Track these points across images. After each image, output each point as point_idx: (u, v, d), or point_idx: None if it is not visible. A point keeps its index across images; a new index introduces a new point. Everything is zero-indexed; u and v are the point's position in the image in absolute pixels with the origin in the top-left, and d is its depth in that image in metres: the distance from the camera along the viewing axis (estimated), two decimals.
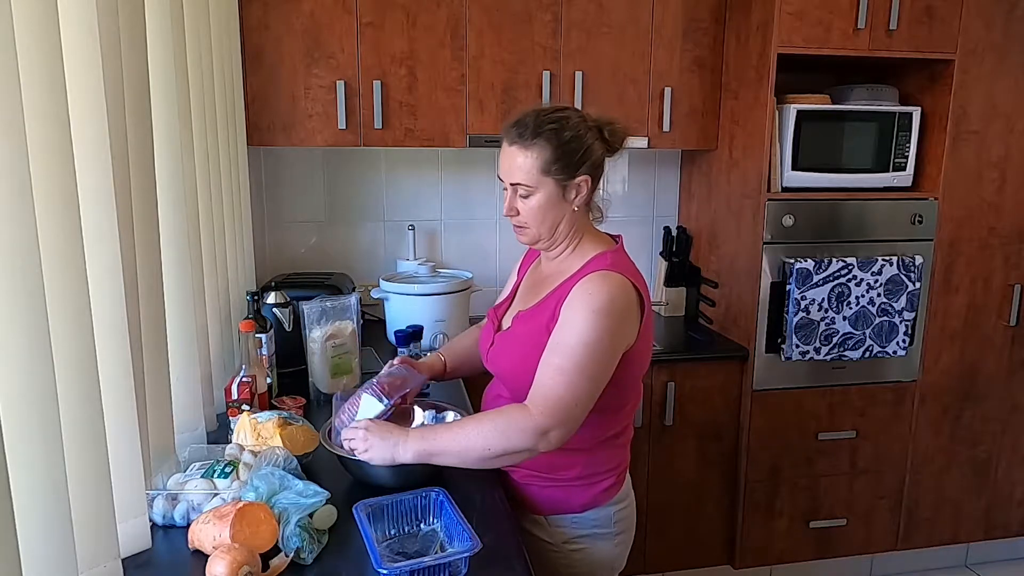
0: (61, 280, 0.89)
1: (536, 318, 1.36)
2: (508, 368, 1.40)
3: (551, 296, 1.35)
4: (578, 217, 1.37)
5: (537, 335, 1.32)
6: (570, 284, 1.31)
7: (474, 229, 2.79)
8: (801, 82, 2.47)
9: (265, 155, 2.59)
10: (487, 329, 1.53)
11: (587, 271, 1.31)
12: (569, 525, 1.38)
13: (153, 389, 1.22)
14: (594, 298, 1.25)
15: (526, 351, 1.32)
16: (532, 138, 1.29)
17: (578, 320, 1.25)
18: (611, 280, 1.28)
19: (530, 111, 1.33)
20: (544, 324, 1.32)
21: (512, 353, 1.39)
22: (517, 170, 1.31)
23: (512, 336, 1.41)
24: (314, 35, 2.25)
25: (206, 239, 1.63)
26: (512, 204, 1.35)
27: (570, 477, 1.37)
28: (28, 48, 0.81)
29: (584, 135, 1.31)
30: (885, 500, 2.62)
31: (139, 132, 1.17)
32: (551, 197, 1.32)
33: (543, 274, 1.45)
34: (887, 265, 2.37)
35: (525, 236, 1.39)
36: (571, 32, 2.39)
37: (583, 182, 1.32)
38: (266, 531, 1.12)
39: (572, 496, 1.38)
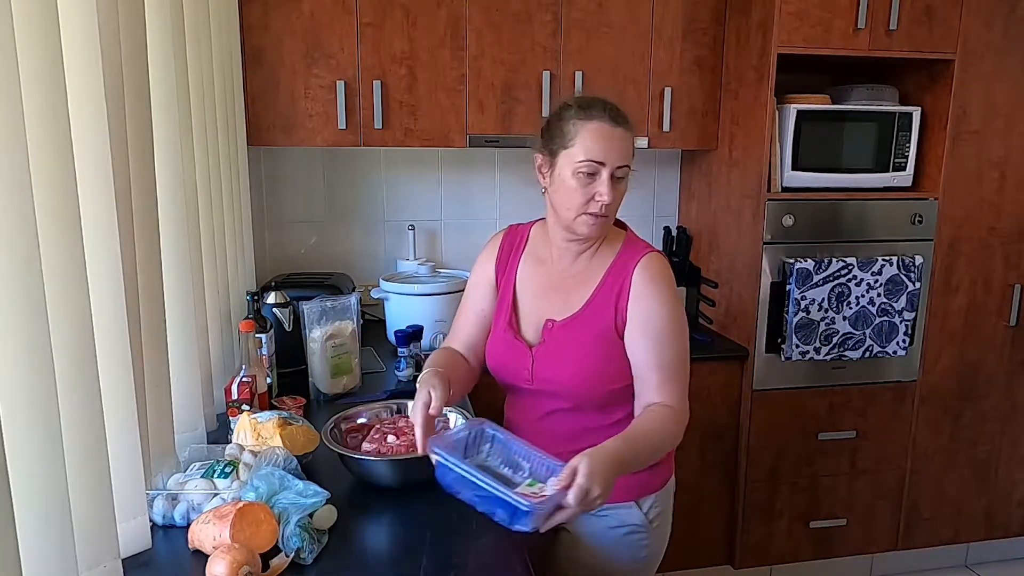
0: (61, 280, 0.89)
1: (586, 322, 1.32)
2: (565, 380, 1.33)
3: (599, 295, 1.33)
4: None
5: (599, 340, 1.31)
6: (618, 276, 1.32)
7: (474, 229, 2.79)
8: (801, 82, 2.47)
9: (265, 155, 2.59)
10: (509, 347, 1.39)
11: (632, 256, 1.33)
12: (653, 503, 1.40)
13: (153, 389, 1.22)
14: (665, 281, 1.31)
15: (591, 360, 1.31)
16: (628, 121, 1.29)
17: (664, 309, 1.29)
18: (664, 261, 1.35)
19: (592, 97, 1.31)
20: (603, 325, 1.31)
21: (567, 365, 1.32)
22: (627, 152, 1.28)
23: (558, 346, 1.34)
24: (314, 35, 2.25)
25: (206, 239, 1.63)
26: (610, 190, 1.27)
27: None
28: (28, 48, 0.81)
29: None
30: (885, 500, 2.62)
31: (139, 132, 1.17)
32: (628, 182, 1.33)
33: (568, 272, 1.38)
34: (887, 265, 2.37)
35: (600, 227, 1.32)
36: (571, 32, 2.39)
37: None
38: (266, 531, 1.12)
39: (652, 476, 1.39)
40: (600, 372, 1.31)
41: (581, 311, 1.34)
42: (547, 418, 1.38)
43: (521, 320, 1.41)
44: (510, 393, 1.48)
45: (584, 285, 1.35)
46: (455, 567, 1.11)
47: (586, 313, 1.33)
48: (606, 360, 1.31)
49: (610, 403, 1.34)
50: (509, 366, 1.40)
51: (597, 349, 1.31)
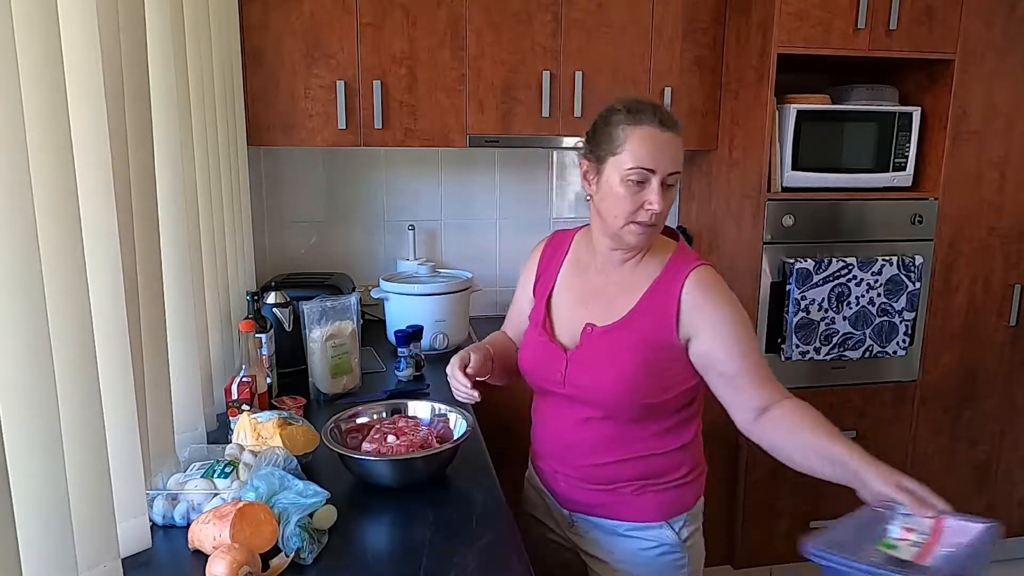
0: (61, 280, 0.89)
1: (629, 331, 1.28)
2: (600, 387, 1.28)
3: (644, 307, 1.28)
4: None
5: (640, 351, 1.27)
6: (666, 291, 1.27)
7: (474, 229, 2.79)
8: (801, 82, 2.47)
9: (265, 155, 2.59)
10: (544, 349, 1.37)
11: (679, 271, 1.28)
12: (684, 522, 1.38)
13: (153, 389, 1.22)
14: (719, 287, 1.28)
15: (629, 370, 1.27)
16: (679, 125, 1.24)
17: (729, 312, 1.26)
18: (711, 271, 1.30)
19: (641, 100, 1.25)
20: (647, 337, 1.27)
21: (604, 372, 1.28)
22: (677, 158, 1.24)
23: (596, 353, 1.30)
24: (314, 35, 2.25)
25: (206, 239, 1.63)
26: (660, 198, 1.22)
27: (681, 475, 1.36)
28: (28, 48, 0.81)
29: None
30: None
31: (139, 132, 1.17)
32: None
33: (607, 282, 1.34)
34: (887, 265, 2.37)
35: (648, 237, 1.28)
36: (571, 32, 2.39)
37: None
38: (266, 531, 1.12)
39: (685, 494, 1.37)
40: (638, 383, 1.27)
41: (624, 319, 1.29)
42: (578, 426, 1.34)
43: (556, 324, 1.38)
44: (539, 398, 1.44)
45: (628, 293, 1.31)
46: (455, 567, 1.11)
47: (629, 321, 1.29)
48: (645, 371, 1.27)
49: (646, 416, 1.30)
50: (541, 368, 1.37)
51: (637, 359, 1.27)
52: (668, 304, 1.26)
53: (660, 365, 1.28)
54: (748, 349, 1.26)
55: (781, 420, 1.23)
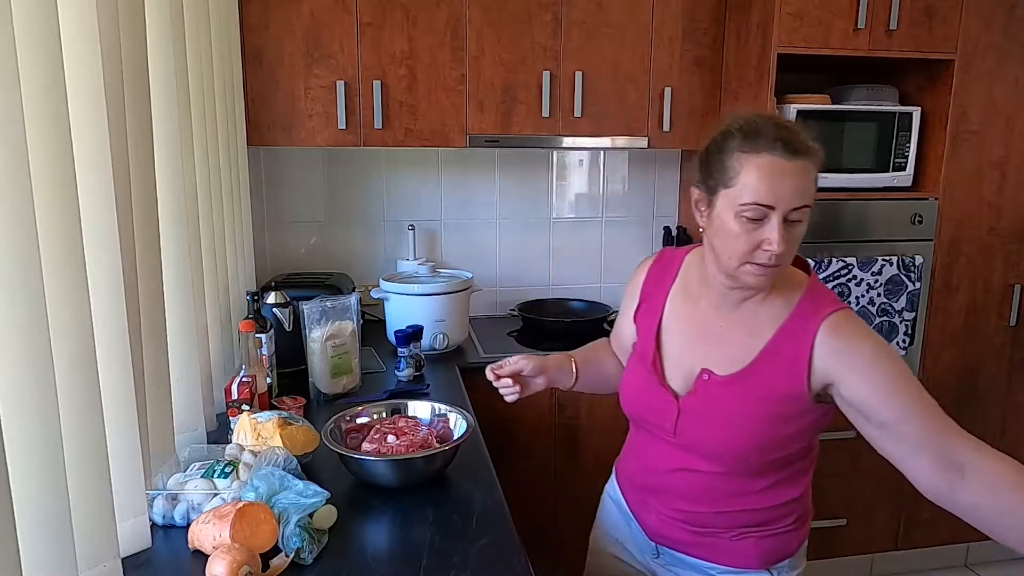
0: (61, 280, 0.89)
1: (755, 382, 1.14)
2: (724, 444, 1.16)
3: (773, 352, 1.14)
4: None
5: (766, 403, 1.13)
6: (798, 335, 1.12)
7: (474, 229, 2.79)
8: (801, 82, 2.47)
9: (265, 155, 2.59)
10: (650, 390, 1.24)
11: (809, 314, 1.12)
12: (787, 567, 1.26)
13: (153, 389, 1.22)
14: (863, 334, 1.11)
15: (750, 423, 1.14)
16: (809, 150, 1.06)
17: (881, 358, 1.09)
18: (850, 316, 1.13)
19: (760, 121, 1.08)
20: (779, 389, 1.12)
21: (726, 428, 1.16)
22: (805, 191, 1.05)
23: (715, 404, 1.17)
24: (314, 35, 2.25)
25: (206, 239, 1.63)
26: (782, 235, 1.04)
27: (788, 524, 1.24)
28: (28, 48, 0.81)
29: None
30: (885, 500, 2.62)
31: (139, 132, 1.17)
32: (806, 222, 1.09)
33: (722, 320, 1.20)
34: (887, 265, 2.37)
35: (768, 278, 1.11)
36: (571, 32, 2.39)
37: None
38: (266, 531, 1.12)
39: (789, 540, 1.25)
40: (758, 441, 1.14)
41: (747, 369, 1.15)
42: (681, 472, 1.22)
43: (666, 364, 1.24)
44: (637, 431, 1.34)
45: (751, 337, 1.16)
46: (455, 567, 1.11)
47: (753, 371, 1.14)
48: (769, 428, 1.14)
49: (763, 471, 1.18)
50: (649, 413, 1.25)
51: (761, 415, 1.13)
52: (798, 354, 1.11)
53: (785, 419, 1.14)
54: (908, 391, 1.07)
55: (984, 481, 1.03)
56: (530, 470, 2.33)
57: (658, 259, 1.35)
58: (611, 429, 2.33)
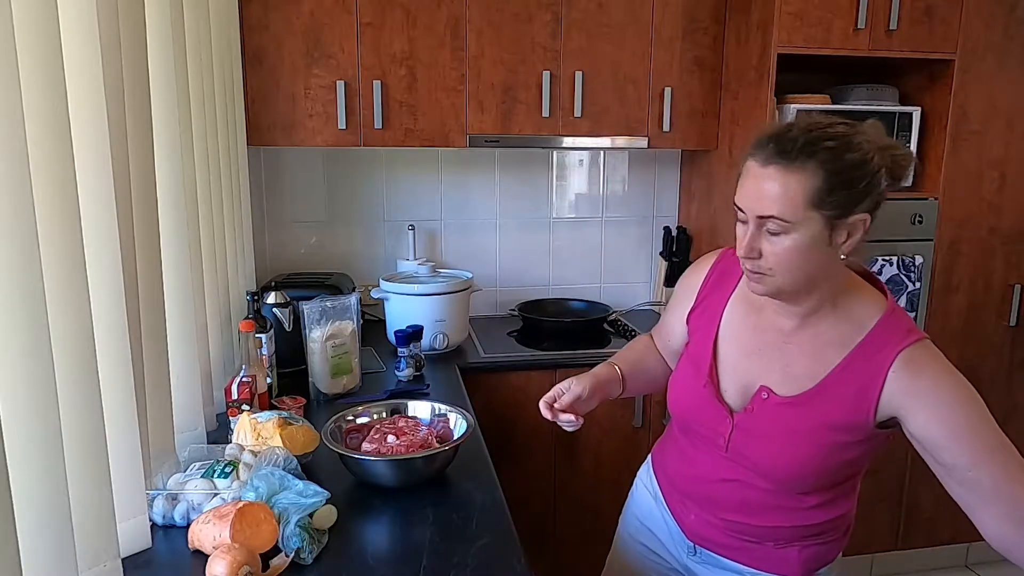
0: (61, 280, 0.89)
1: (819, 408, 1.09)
2: (778, 466, 1.12)
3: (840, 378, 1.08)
4: (840, 265, 1.07)
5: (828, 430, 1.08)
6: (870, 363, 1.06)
7: (474, 229, 2.79)
8: (801, 82, 2.47)
9: (265, 155, 2.59)
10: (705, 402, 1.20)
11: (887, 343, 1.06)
12: (824, 573, 1.24)
13: (153, 389, 1.22)
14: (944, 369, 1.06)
15: (809, 449, 1.09)
16: (803, 158, 0.98)
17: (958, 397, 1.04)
18: (930, 348, 1.07)
19: (796, 124, 1.04)
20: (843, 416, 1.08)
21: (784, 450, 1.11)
22: (774, 199, 0.99)
23: (773, 425, 1.12)
24: (314, 35, 2.25)
25: (206, 239, 1.63)
26: (754, 244, 1.03)
27: (835, 535, 1.22)
28: (28, 48, 0.81)
29: (872, 159, 1.01)
30: (885, 500, 2.62)
31: (139, 132, 1.17)
32: (814, 238, 1.00)
33: (787, 337, 1.14)
34: (887, 265, 2.37)
35: (764, 285, 1.07)
36: (571, 32, 2.39)
37: (861, 221, 1.01)
38: (266, 531, 1.12)
39: (830, 550, 1.23)
40: (821, 464, 1.10)
41: (811, 392, 1.09)
42: (729, 484, 1.19)
43: (722, 375, 1.19)
44: (685, 437, 1.28)
45: (815, 360, 1.10)
46: (455, 567, 1.11)
47: (817, 395, 1.09)
48: (828, 454, 1.09)
49: (818, 490, 1.15)
50: (700, 425, 1.21)
51: (821, 442, 1.09)
52: (868, 384, 1.05)
53: (845, 447, 1.09)
54: (982, 436, 1.02)
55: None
56: (530, 470, 2.33)
57: (720, 259, 1.28)
58: (611, 429, 2.33)
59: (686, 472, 1.27)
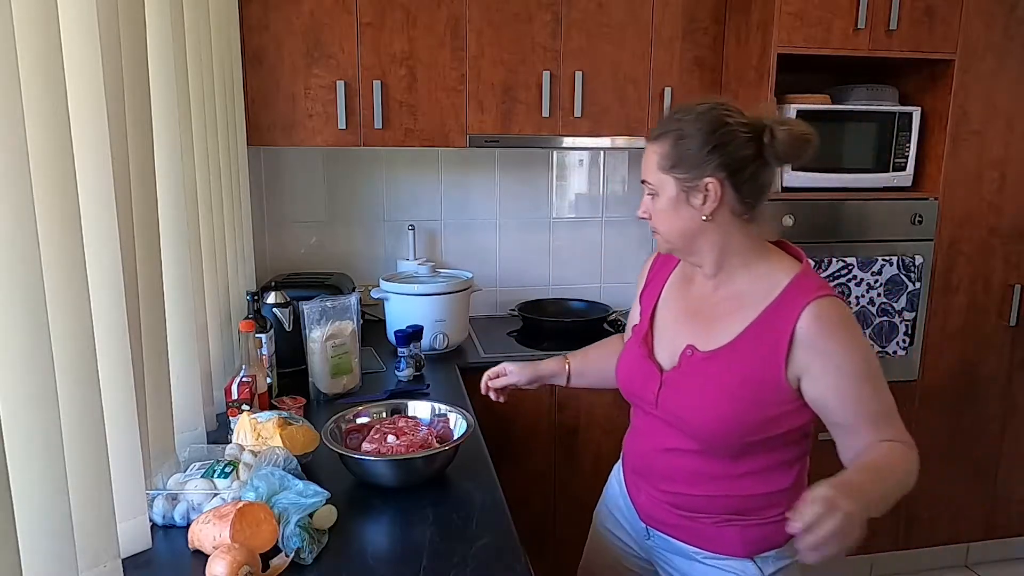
0: (61, 280, 0.89)
1: (734, 361, 1.17)
2: (699, 419, 1.19)
3: (750, 337, 1.17)
4: (730, 229, 1.19)
5: (743, 383, 1.16)
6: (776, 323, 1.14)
7: (474, 229, 2.79)
8: (801, 82, 2.47)
9: (265, 155, 2.59)
10: (639, 365, 1.30)
11: (795, 301, 1.14)
12: (774, 558, 1.25)
13: (153, 389, 1.22)
14: (844, 324, 1.14)
15: (726, 400, 1.17)
16: (663, 133, 1.19)
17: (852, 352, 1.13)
18: (838, 305, 1.15)
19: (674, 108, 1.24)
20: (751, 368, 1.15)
21: (703, 402, 1.19)
22: (645, 167, 1.22)
23: (694, 380, 1.21)
24: (314, 35, 2.25)
25: (206, 239, 1.63)
26: (645, 206, 1.24)
27: (772, 516, 1.23)
28: (28, 48, 0.81)
29: (721, 131, 1.15)
30: None
31: (139, 132, 1.17)
32: (671, 200, 1.18)
33: (706, 298, 1.25)
34: (887, 265, 2.37)
35: (659, 242, 1.26)
36: (571, 32, 2.39)
37: (711, 185, 1.14)
38: (266, 531, 1.12)
39: (775, 531, 1.22)
40: (735, 419, 1.16)
41: (729, 346, 1.18)
42: (667, 453, 1.26)
43: (657, 340, 1.30)
44: (634, 411, 1.38)
45: (734, 316, 1.19)
46: (455, 567, 1.11)
47: (735, 349, 1.18)
48: (746, 407, 1.16)
49: (741, 454, 1.20)
50: (635, 386, 1.31)
51: (738, 393, 1.16)
52: (780, 337, 1.13)
53: (764, 402, 1.16)
54: (872, 395, 1.15)
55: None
56: (530, 470, 2.33)
57: None
58: (611, 429, 2.33)
59: (635, 447, 1.36)
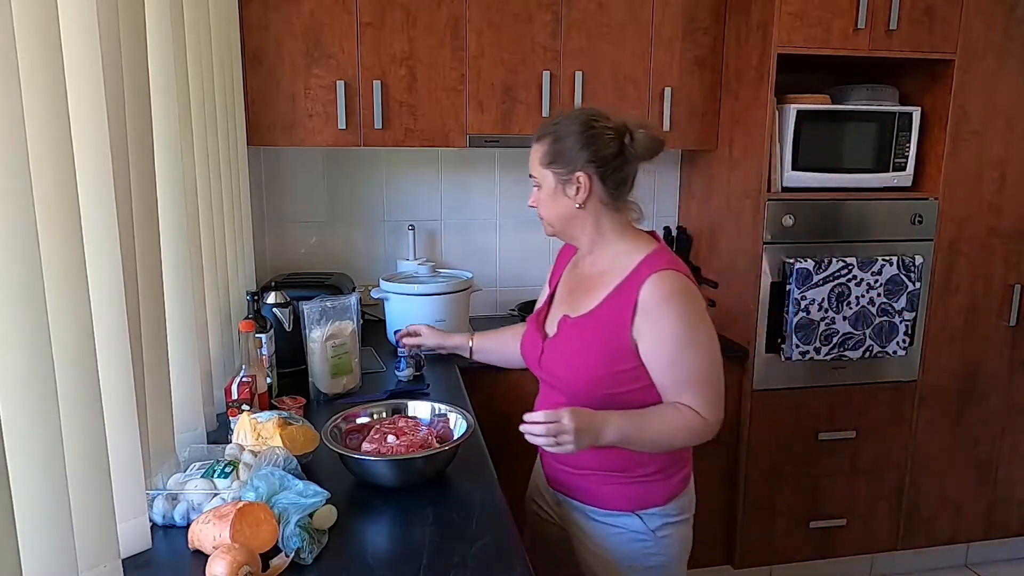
0: (61, 280, 0.89)
1: (593, 327, 1.37)
2: (565, 378, 1.41)
3: (607, 305, 1.36)
4: (600, 216, 1.39)
5: (596, 344, 1.35)
6: (627, 292, 1.33)
7: (474, 229, 2.79)
8: (801, 82, 2.47)
9: (265, 155, 2.59)
10: (531, 336, 1.52)
11: (643, 273, 1.32)
12: (658, 515, 1.42)
13: (153, 389, 1.22)
14: (675, 299, 1.30)
15: (585, 361, 1.36)
16: (542, 133, 1.38)
17: (676, 326, 1.30)
18: (677, 278, 1.32)
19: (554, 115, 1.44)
20: (604, 333, 1.35)
21: (569, 363, 1.40)
22: (531, 163, 1.41)
23: (564, 344, 1.42)
24: (314, 35, 2.25)
25: (206, 239, 1.63)
26: (532, 195, 1.43)
27: (648, 472, 1.40)
28: (28, 48, 0.81)
29: (589, 132, 1.34)
30: (885, 500, 2.62)
31: (139, 132, 1.17)
32: (551, 190, 1.39)
33: (584, 276, 1.46)
34: (887, 265, 2.37)
35: (544, 226, 1.46)
36: (571, 32, 2.39)
37: (579, 179, 1.35)
38: (266, 531, 1.12)
39: (652, 491, 1.42)
40: (597, 373, 1.35)
41: (591, 312, 1.38)
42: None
43: (550, 315, 1.50)
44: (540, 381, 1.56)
45: (600, 288, 1.39)
46: (455, 567, 1.11)
47: (595, 315, 1.37)
48: (605, 363, 1.34)
49: (611, 406, 1.34)
50: (526, 353, 1.53)
51: (600, 351, 1.35)
52: (628, 303, 1.32)
53: (615, 358, 1.34)
54: (686, 366, 1.32)
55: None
56: (530, 470, 2.32)
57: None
58: None
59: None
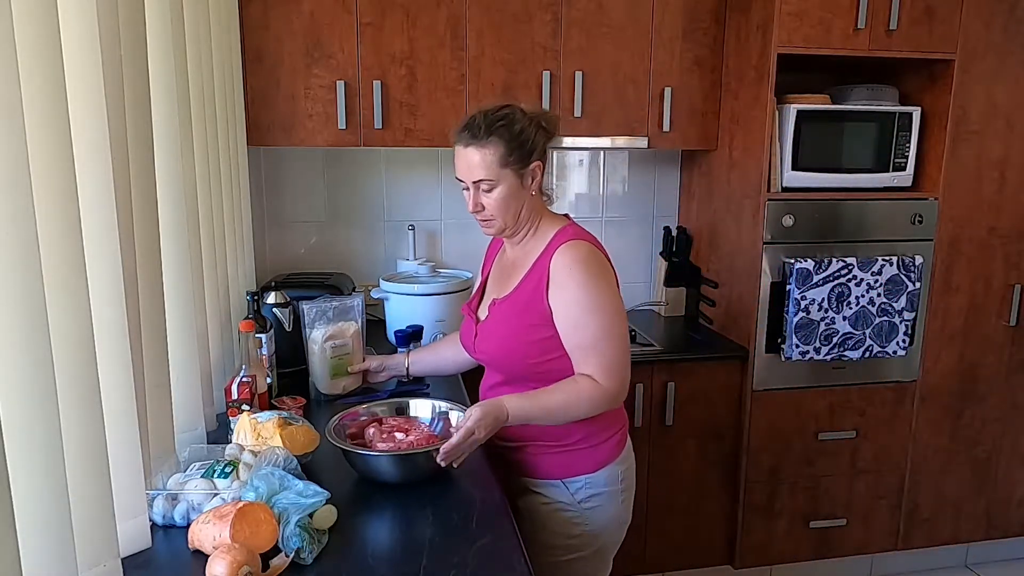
0: (61, 280, 0.89)
1: (515, 302, 1.47)
2: (497, 354, 1.52)
3: (526, 280, 1.47)
4: (535, 201, 1.50)
5: (519, 317, 1.46)
6: (542, 264, 1.44)
7: (474, 229, 2.75)
8: (801, 82, 2.47)
9: (265, 155, 2.59)
10: (467, 325, 1.62)
11: (554, 246, 1.43)
12: (584, 486, 1.49)
13: (153, 389, 1.22)
14: (578, 266, 1.40)
15: (511, 334, 1.47)
16: (486, 136, 1.40)
17: (578, 292, 1.40)
18: (582, 247, 1.43)
19: (476, 114, 1.44)
20: (524, 305, 1.45)
21: (498, 339, 1.50)
22: (477, 167, 1.42)
23: (493, 323, 1.52)
24: (314, 35, 2.25)
25: (206, 239, 1.63)
26: (477, 200, 1.45)
27: (574, 441, 1.48)
28: (28, 48, 0.81)
29: (528, 126, 1.43)
30: (885, 500, 2.62)
31: (139, 132, 1.17)
32: (511, 187, 1.43)
33: (509, 261, 1.56)
34: (887, 265, 2.37)
35: (492, 227, 1.49)
36: (571, 32, 2.39)
37: (536, 168, 1.45)
38: (266, 531, 1.12)
39: (579, 459, 1.49)
40: (520, 346, 1.45)
41: (512, 293, 1.49)
42: (493, 389, 1.55)
43: (483, 302, 1.61)
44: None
45: (518, 270, 1.50)
46: (455, 567, 1.11)
47: (515, 295, 1.48)
48: (527, 336, 1.44)
49: (534, 380, 1.45)
50: (464, 340, 1.63)
51: (521, 327, 1.45)
52: (542, 274, 1.43)
53: (534, 327, 1.43)
54: (587, 331, 1.39)
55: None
56: None
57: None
58: None
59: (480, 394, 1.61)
